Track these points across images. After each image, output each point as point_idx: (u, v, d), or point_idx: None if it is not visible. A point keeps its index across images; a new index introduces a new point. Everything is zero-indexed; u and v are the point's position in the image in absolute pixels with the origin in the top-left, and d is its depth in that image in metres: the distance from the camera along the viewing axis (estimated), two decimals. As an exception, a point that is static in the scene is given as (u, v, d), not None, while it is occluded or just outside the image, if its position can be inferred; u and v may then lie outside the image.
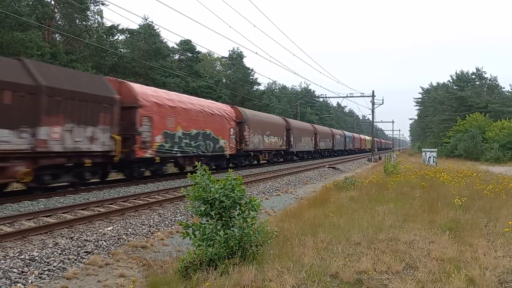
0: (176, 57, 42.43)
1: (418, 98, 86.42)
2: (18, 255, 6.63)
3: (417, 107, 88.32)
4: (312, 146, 43.80)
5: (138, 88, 17.28)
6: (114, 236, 8.39)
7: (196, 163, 6.30)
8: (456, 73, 65.38)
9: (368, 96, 47.21)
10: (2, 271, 5.94)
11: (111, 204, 11.93)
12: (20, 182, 12.01)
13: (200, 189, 5.59)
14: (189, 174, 5.98)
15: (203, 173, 5.77)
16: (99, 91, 14.51)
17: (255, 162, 30.29)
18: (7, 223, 9.04)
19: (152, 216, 10.52)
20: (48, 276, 6.16)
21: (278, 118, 36.35)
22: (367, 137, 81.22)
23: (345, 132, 67.89)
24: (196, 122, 20.59)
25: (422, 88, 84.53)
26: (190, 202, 5.69)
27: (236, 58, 51.82)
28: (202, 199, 5.54)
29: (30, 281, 5.88)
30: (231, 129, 24.70)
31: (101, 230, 8.75)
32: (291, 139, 36.24)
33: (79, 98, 13.41)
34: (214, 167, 22.64)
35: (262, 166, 30.34)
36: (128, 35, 34.75)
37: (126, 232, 8.82)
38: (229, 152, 24.27)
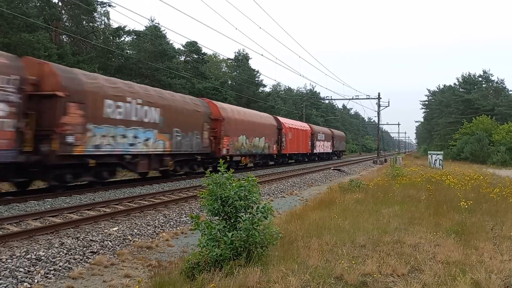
0: (182, 58, 42.52)
1: (424, 101, 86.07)
2: (25, 255, 6.68)
3: (423, 110, 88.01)
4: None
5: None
6: (119, 237, 8.43)
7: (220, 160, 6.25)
8: (462, 75, 65.07)
9: (374, 98, 47.03)
10: (9, 270, 5.99)
11: (117, 204, 11.98)
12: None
13: (217, 186, 5.61)
14: (207, 172, 5.98)
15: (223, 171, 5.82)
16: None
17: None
18: (14, 223, 9.10)
19: (157, 217, 10.55)
20: (54, 276, 6.20)
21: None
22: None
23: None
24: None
25: (429, 91, 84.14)
26: (202, 199, 5.73)
27: (241, 59, 51.82)
28: (217, 196, 5.56)
29: (36, 281, 5.93)
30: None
31: (106, 230, 8.79)
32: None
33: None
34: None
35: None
36: (135, 37, 34.92)
37: (131, 232, 8.86)
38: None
